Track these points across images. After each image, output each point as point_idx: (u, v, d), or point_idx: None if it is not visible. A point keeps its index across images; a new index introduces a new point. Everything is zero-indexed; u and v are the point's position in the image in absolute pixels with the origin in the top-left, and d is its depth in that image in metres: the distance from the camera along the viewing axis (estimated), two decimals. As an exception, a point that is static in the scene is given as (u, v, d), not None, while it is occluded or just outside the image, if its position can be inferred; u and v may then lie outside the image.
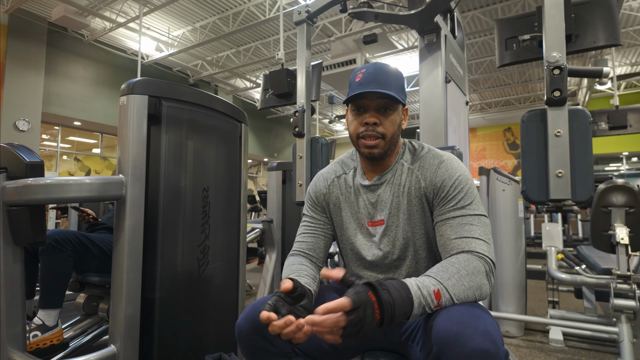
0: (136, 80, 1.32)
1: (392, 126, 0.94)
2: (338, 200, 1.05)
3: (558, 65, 0.97)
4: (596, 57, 7.56)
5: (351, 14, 1.46)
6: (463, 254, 0.82)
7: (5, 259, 1.24)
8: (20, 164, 1.25)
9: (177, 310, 1.36)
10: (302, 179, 1.37)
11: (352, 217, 1.03)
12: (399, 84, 0.96)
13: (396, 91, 0.92)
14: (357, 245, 1.02)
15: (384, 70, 0.94)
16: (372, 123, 0.92)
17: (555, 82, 0.97)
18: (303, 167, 1.37)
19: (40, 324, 1.55)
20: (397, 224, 0.97)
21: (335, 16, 6.77)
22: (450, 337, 0.67)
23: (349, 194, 1.04)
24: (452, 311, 0.72)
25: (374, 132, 0.93)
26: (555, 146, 0.95)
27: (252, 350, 0.88)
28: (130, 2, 6.40)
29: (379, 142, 0.93)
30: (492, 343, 0.66)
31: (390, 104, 0.93)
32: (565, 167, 0.94)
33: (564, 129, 0.95)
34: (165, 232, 1.34)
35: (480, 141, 12.91)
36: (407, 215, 0.96)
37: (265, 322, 0.71)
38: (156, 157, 1.33)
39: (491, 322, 0.71)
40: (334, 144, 4.92)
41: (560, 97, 0.96)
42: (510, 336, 2.57)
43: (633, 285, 1.94)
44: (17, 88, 6.49)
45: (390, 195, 0.98)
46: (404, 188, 0.97)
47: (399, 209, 0.97)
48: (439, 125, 1.50)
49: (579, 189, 0.93)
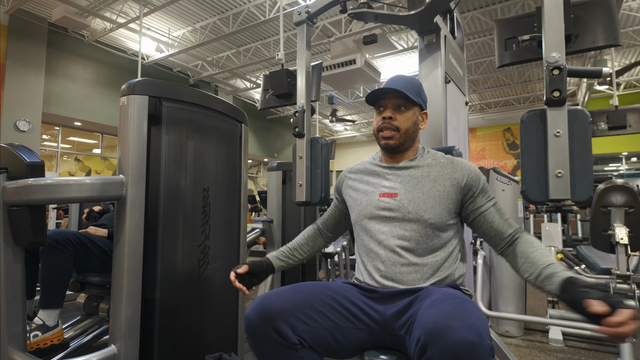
0: (136, 81, 1.32)
1: (406, 122, 1.09)
2: (355, 182, 1.18)
3: (557, 66, 0.97)
4: (595, 57, 7.56)
5: (351, 15, 1.46)
6: (521, 234, 0.99)
7: (6, 259, 1.24)
8: (21, 164, 1.26)
9: (177, 310, 1.36)
10: (302, 179, 1.36)
11: (366, 190, 1.13)
12: (416, 89, 1.11)
13: (412, 94, 1.07)
14: (367, 210, 1.09)
15: (403, 77, 1.12)
16: (388, 117, 1.08)
17: (555, 83, 0.97)
18: (303, 167, 1.37)
19: (40, 324, 1.55)
20: (410, 198, 1.04)
21: (335, 17, 6.78)
22: (438, 328, 0.71)
23: (367, 175, 1.16)
24: (442, 305, 0.78)
25: (390, 125, 1.08)
26: (554, 146, 0.95)
27: (260, 341, 0.90)
28: (130, 3, 6.41)
29: (394, 134, 1.08)
30: (477, 335, 0.69)
31: (406, 103, 1.09)
32: (565, 167, 0.94)
33: (563, 129, 0.95)
34: (166, 232, 1.34)
35: (480, 141, 12.91)
36: (422, 192, 1.04)
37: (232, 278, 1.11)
38: (156, 158, 1.34)
39: (478, 316, 0.75)
40: (334, 144, 4.92)
41: (559, 97, 0.95)
42: (509, 336, 2.57)
43: (632, 285, 1.95)
44: (17, 88, 6.49)
45: (408, 175, 1.08)
46: (428, 173, 1.07)
47: (417, 187, 1.05)
48: (438, 126, 1.50)
49: (579, 189, 0.93)
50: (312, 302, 0.95)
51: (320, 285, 1.01)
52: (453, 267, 1.03)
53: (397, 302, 0.96)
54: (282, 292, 0.95)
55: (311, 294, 0.97)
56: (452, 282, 1.01)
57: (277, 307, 0.90)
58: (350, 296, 1.00)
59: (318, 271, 3.47)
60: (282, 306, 0.91)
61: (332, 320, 0.95)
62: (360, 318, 0.97)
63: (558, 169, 0.95)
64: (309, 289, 0.99)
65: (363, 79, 6.61)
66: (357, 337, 0.97)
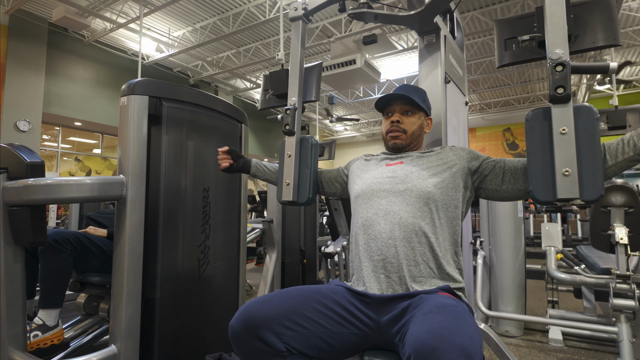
0: (137, 81, 1.32)
1: (412, 125, 1.19)
2: (362, 164, 1.25)
3: (561, 62, 0.95)
4: (595, 57, 7.56)
5: (351, 15, 1.46)
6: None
7: (6, 259, 1.24)
8: (21, 164, 1.26)
9: (177, 310, 1.37)
10: (290, 178, 1.32)
11: (369, 168, 1.20)
12: (421, 96, 1.23)
13: (418, 99, 1.18)
14: (365, 179, 1.16)
15: (409, 85, 1.23)
16: (396, 121, 1.18)
17: (559, 80, 0.94)
18: (292, 166, 1.34)
19: (40, 324, 1.55)
20: (413, 170, 1.09)
21: (335, 17, 6.78)
22: (427, 350, 0.69)
23: (375, 160, 1.23)
24: (432, 321, 0.75)
25: (397, 127, 1.18)
26: (560, 144, 0.93)
27: (245, 350, 0.89)
28: (130, 3, 6.41)
29: (401, 134, 1.18)
30: (467, 358, 0.68)
31: (412, 109, 1.19)
32: (572, 166, 0.91)
33: (569, 127, 0.93)
34: (166, 232, 1.34)
35: (480, 141, 12.91)
36: (429, 170, 1.09)
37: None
38: (157, 158, 1.34)
39: (470, 336, 0.73)
40: (333, 144, 4.91)
41: (564, 94, 0.93)
42: (509, 336, 2.57)
43: (632, 285, 1.94)
44: (17, 88, 6.49)
45: (418, 156, 1.15)
46: (437, 159, 1.12)
47: (424, 162, 1.12)
48: (438, 126, 1.50)
49: (587, 187, 0.90)
50: (300, 308, 0.93)
51: (309, 290, 0.99)
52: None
53: (392, 307, 0.94)
54: (267, 300, 0.94)
55: (298, 300, 0.95)
56: (445, 286, 0.98)
57: (261, 316, 0.89)
58: (341, 300, 0.98)
59: (318, 271, 3.47)
60: (266, 314, 0.89)
61: (322, 326, 0.93)
62: (352, 322, 0.96)
63: (565, 167, 0.92)
64: (296, 294, 0.97)
65: (363, 79, 6.61)
66: (351, 341, 0.96)
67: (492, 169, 1.08)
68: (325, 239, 3.68)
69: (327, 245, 3.14)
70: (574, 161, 0.91)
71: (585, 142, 0.92)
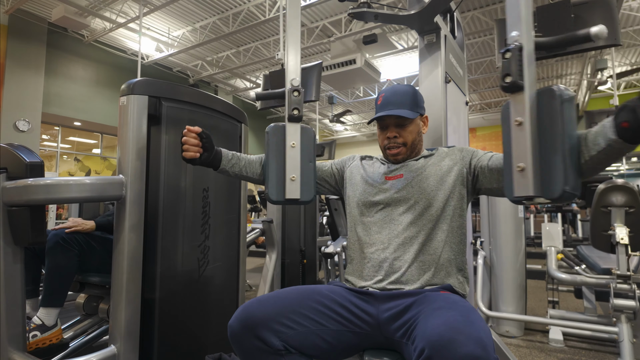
0: (136, 81, 1.32)
1: (410, 135, 1.14)
2: (357, 168, 1.22)
3: (517, 47, 0.83)
4: (596, 57, 7.56)
5: (351, 14, 1.46)
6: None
7: (5, 259, 1.24)
8: (21, 164, 1.26)
9: (177, 310, 1.36)
10: (295, 171, 1.11)
11: (367, 176, 1.17)
12: (413, 100, 1.15)
13: (410, 107, 1.12)
14: (364, 190, 1.14)
15: (399, 92, 1.15)
16: (393, 137, 1.14)
17: (504, 67, 0.83)
18: (297, 158, 1.12)
19: (39, 323, 1.55)
20: (414, 182, 1.08)
21: (335, 16, 6.78)
22: (444, 342, 0.71)
23: (373, 168, 1.20)
24: (446, 315, 0.77)
25: (396, 143, 1.14)
26: (515, 137, 0.83)
27: (244, 349, 0.91)
28: (130, 3, 6.40)
29: (401, 149, 1.14)
30: (483, 349, 0.69)
31: (406, 120, 1.13)
32: (526, 160, 0.80)
33: (524, 117, 0.82)
34: (165, 232, 1.34)
35: (480, 141, 12.92)
36: (428, 180, 1.07)
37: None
38: (156, 158, 1.33)
39: (483, 329, 0.75)
40: (333, 144, 4.91)
41: (511, 82, 0.82)
42: (510, 336, 2.57)
43: (633, 285, 1.94)
44: (17, 88, 6.49)
45: (417, 167, 1.12)
46: (436, 169, 1.10)
47: (424, 175, 1.09)
48: (438, 126, 1.50)
49: (546, 183, 0.79)
50: (298, 307, 0.94)
51: (308, 290, 1.00)
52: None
53: (393, 304, 0.95)
54: (265, 299, 0.95)
55: (297, 298, 0.96)
56: (447, 285, 1.00)
57: (259, 315, 0.90)
58: (339, 299, 0.99)
59: (318, 271, 3.47)
60: (264, 313, 0.91)
61: (320, 324, 0.94)
62: (351, 321, 0.97)
63: (519, 162, 0.81)
64: (295, 294, 0.98)
65: (363, 79, 6.62)
66: (350, 339, 0.96)
67: (482, 170, 1.06)
68: (325, 239, 3.67)
69: (327, 245, 3.14)
70: (528, 155, 0.80)
71: (546, 131, 0.80)
